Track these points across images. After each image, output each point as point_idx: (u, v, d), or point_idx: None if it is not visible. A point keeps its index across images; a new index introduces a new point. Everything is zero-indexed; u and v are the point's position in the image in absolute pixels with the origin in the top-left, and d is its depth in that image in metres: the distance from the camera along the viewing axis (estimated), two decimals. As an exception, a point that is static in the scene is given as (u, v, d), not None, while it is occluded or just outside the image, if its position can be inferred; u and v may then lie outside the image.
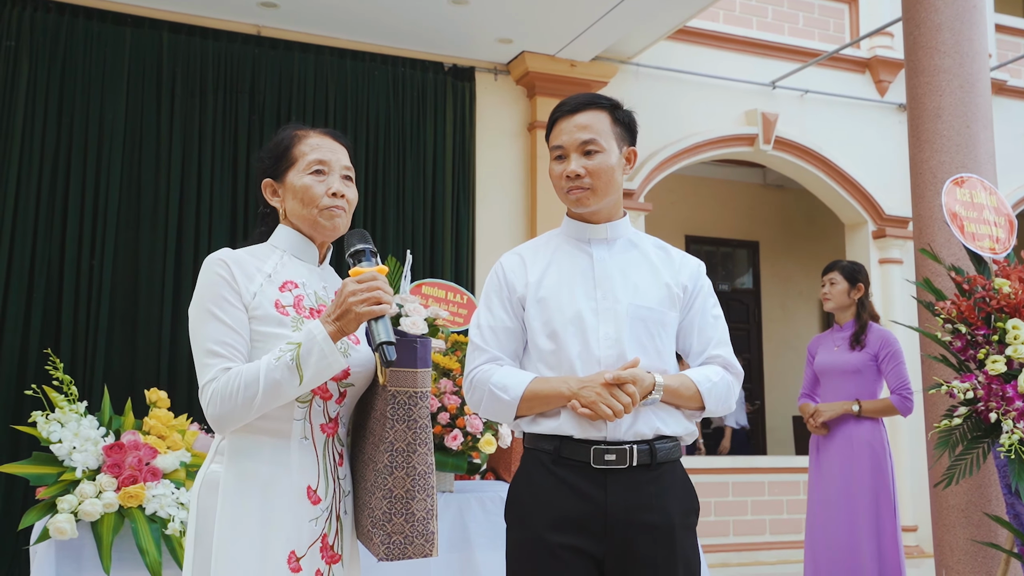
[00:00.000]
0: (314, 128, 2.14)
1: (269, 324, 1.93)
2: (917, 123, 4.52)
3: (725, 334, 2.40)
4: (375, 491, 1.92)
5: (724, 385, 2.32)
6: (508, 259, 2.40)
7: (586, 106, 2.32)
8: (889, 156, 9.13)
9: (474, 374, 2.29)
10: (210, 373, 1.88)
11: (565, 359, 2.23)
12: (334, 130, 2.16)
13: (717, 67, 8.53)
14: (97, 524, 2.81)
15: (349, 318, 1.87)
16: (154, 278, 6.19)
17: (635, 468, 2.17)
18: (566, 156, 2.30)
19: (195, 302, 1.96)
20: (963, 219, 3.83)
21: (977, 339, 3.50)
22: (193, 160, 6.43)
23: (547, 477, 2.19)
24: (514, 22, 6.86)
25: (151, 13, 6.48)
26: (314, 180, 2.05)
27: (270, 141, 2.16)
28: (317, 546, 1.94)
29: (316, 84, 6.86)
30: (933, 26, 4.49)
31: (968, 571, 4.06)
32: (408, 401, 1.90)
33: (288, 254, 2.08)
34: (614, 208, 2.38)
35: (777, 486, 8.58)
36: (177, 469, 3.02)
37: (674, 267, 2.39)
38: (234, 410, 1.85)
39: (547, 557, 2.14)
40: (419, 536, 1.91)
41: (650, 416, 2.20)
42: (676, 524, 2.19)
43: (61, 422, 2.93)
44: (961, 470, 3.45)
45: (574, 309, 2.25)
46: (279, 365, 1.84)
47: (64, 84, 6.18)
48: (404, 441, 1.90)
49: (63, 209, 6.07)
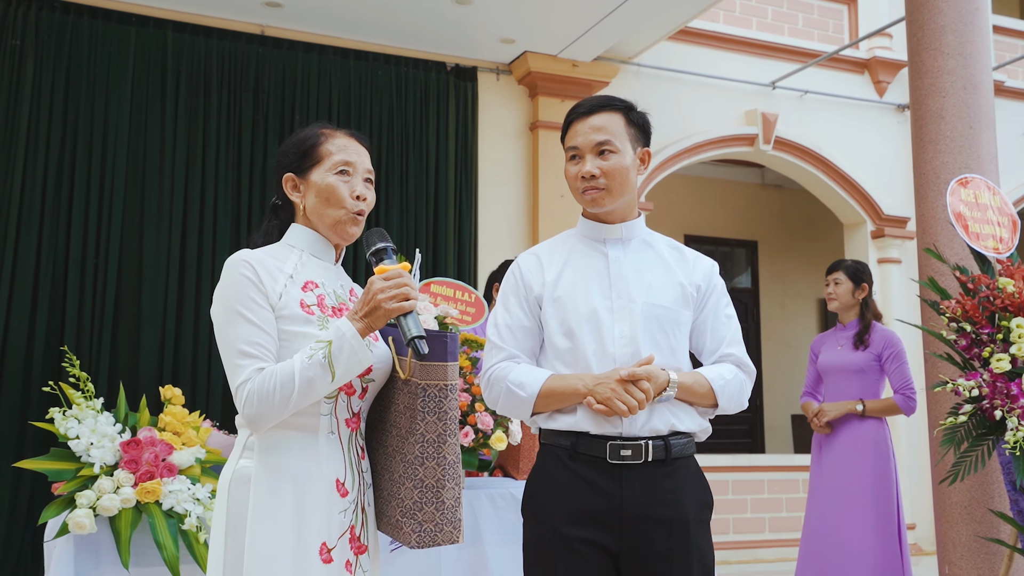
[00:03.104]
0: (339, 128, 2.17)
1: (296, 323, 1.95)
2: (920, 124, 4.55)
3: (738, 333, 2.44)
4: (405, 482, 1.96)
5: (737, 383, 2.35)
6: (525, 259, 2.43)
7: (601, 108, 2.35)
8: (888, 156, 9.18)
9: (492, 371, 2.32)
10: (244, 374, 1.89)
11: (581, 357, 2.26)
12: (358, 132, 2.19)
13: (717, 67, 8.57)
14: (115, 519, 2.84)
15: (378, 315, 1.90)
16: (158, 276, 6.20)
17: (650, 464, 2.20)
18: (581, 157, 2.33)
19: (220, 304, 1.96)
20: (967, 219, 3.87)
21: (982, 338, 3.54)
22: (197, 159, 6.44)
23: (564, 472, 2.22)
24: (516, 22, 6.89)
25: (156, 12, 6.50)
26: (339, 180, 2.08)
27: (295, 136, 2.17)
28: (346, 537, 1.97)
29: (319, 83, 6.88)
30: (936, 28, 4.53)
31: (971, 567, 4.10)
32: (439, 394, 1.94)
33: (307, 253, 2.10)
34: (628, 208, 2.41)
35: (776, 484, 8.63)
36: (192, 465, 3.05)
37: (688, 267, 2.43)
38: (271, 409, 1.87)
39: (564, 551, 2.17)
40: (448, 524, 1.95)
41: (665, 412, 2.24)
42: (691, 519, 2.22)
43: (78, 418, 2.96)
44: (966, 467, 3.49)
45: (590, 308, 2.28)
46: (312, 363, 1.86)
47: (69, 83, 6.19)
48: (435, 432, 1.94)
49: (68, 207, 6.08)
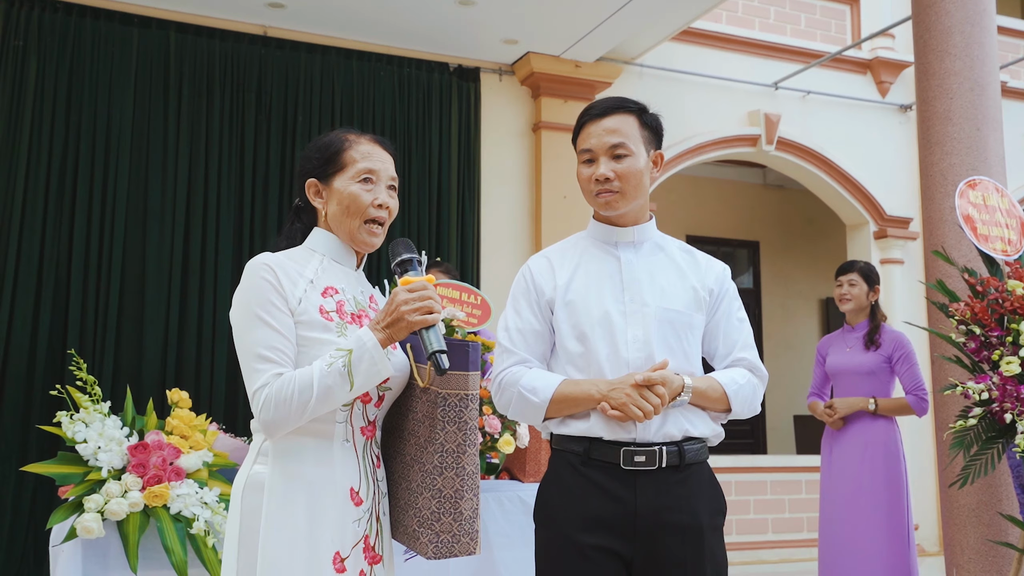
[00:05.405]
0: (364, 134, 2.13)
1: (315, 330, 1.94)
2: (927, 125, 4.54)
3: (750, 337, 2.42)
4: (422, 491, 1.94)
5: (750, 388, 2.34)
6: (536, 262, 2.40)
7: (614, 110, 2.33)
8: (890, 157, 9.17)
9: (503, 376, 2.29)
10: (262, 378, 1.87)
11: (594, 361, 2.23)
12: (383, 138, 2.15)
13: (720, 68, 8.55)
14: (123, 524, 2.82)
15: (400, 326, 1.89)
16: (161, 277, 6.18)
17: (664, 469, 2.18)
18: (595, 160, 2.31)
19: (240, 307, 1.95)
20: (976, 221, 3.86)
21: (991, 340, 3.52)
22: (200, 159, 6.42)
23: (576, 478, 2.20)
24: (519, 23, 6.87)
25: (158, 13, 6.48)
26: (362, 189, 2.05)
27: (319, 140, 2.14)
28: (360, 547, 1.95)
29: (322, 84, 6.86)
30: (943, 29, 4.52)
31: (979, 571, 4.08)
32: (459, 404, 1.92)
33: (328, 258, 2.08)
34: (641, 211, 2.39)
35: (779, 485, 8.61)
36: (200, 469, 3.03)
37: (700, 270, 2.41)
38: (289, 415, 1.86)
39: (576, 557, 2.15)
40: (465, 535, 1.93)
41: (679, 418, 2.22)
42: (705, 525, 2.21)
43: (86, 422, 2.94)
44: (976, 470, 3.48)
45: (602, 311, 2.26)
46: (331, 371, 1.85)
47: (72, 84, 6.17)
48: (455, 442, 1.92)
49: (71, 208, 6.06)
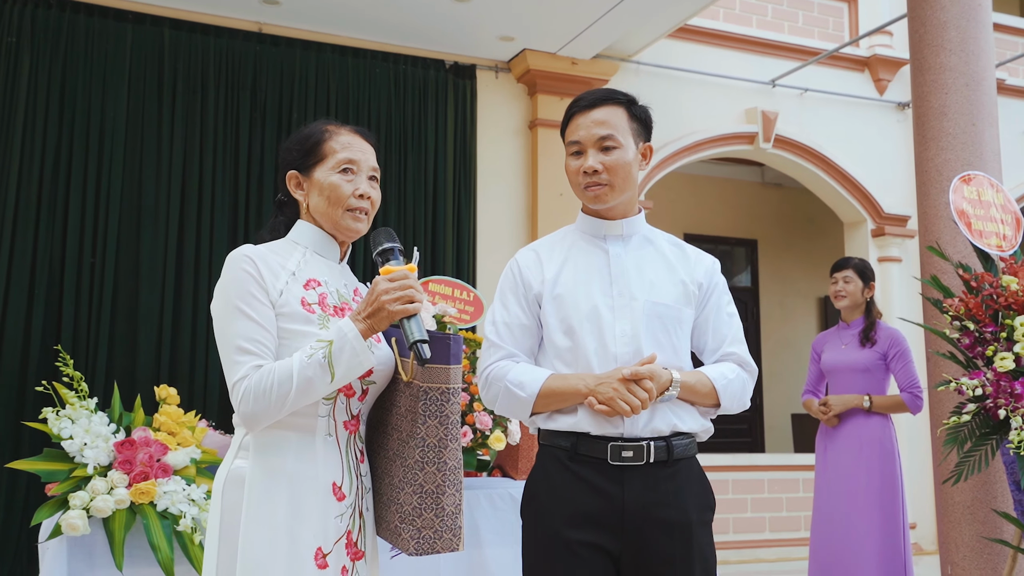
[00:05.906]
0: (344, 125, 2.12)
1: (296, 322, 1.92)
2: (922, 121, 4.52)
3: (740, 332, 2.39)
4: (404, 487, 1.92)
5: (739, 382, 2.31)
6: (524, 256, 2.37)
7: (603, 101, 2.30)
8: (888, 154, 9.15)
9: (489, 371, 2.27)
10: (241, 371, 1.86)
11: (582, 356, 2.21)
12: (363, 129, 2.13)
13: (717, 65, 8.53)
14: (109, 521, 2.80)
15: (381, 316, 1.87)
16: (155, 275, 6.17)
17: (652, 464, 2.16)
18: (583, 152, 2.28)
19: (221, 299, 1.93)
20: (970, 216, 3.84)
21: (985, 336, 3.50)
22: (194, 157, 6.40)
23: (564, 474, 2.17)
24: (515, 20, 6.85)
25: (152, 10, 6.46)
26: (342, 179, 2.03)
27: (299, 132, 2.13)
28: (343, 542, 1.93)
29: (317, 81, 6.84)
30: (939, 24, 4.49)
31: (974, 568, 4.06)
32: (440, 397, 1.89)
33: (310, 251, 2.06)
34: (629, 204, 2.37)
35: (776, 484, 8.60)
36: (188, 466, 3.01)
37: (689, 264, 2.39)
38: (268, 408, 1.84)
39: (564, 553, 2.13)
40: (448, 531, 1.91)
41: (667, 412, 2.19)
42: (693, 520, 2.18)
43: (72, 418, 2.92)
44: (970, 467, 3.46)
45: (590, 305, 2.23)
46: (311, 363, 1.83)
47: (65, 81, 6.15)
48: (436, 437, 1.89)
49: (64, 206, 6.04)
